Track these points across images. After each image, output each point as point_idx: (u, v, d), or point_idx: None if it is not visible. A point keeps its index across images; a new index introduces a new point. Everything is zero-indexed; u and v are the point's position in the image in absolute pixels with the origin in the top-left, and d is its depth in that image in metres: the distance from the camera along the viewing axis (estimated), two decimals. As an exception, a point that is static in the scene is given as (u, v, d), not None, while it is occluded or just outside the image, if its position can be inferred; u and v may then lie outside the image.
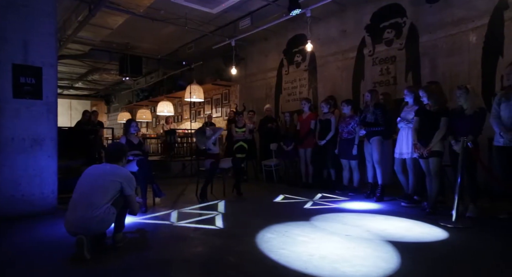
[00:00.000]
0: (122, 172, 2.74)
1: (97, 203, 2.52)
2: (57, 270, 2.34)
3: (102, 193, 2.58)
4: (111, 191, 2.63)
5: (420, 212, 3.90)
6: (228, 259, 2.51)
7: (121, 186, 2.68)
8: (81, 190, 2.61)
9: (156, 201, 4.64)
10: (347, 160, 5.30)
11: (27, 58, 3.88)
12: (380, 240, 2.87)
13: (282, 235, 3.06)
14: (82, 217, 2.49)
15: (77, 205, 2.54)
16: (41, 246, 2.86)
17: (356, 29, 6.35)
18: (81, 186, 2.63)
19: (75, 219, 2.50)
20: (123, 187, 2.68)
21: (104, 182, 2.63)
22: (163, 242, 2.96)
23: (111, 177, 2.66)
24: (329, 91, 6.81)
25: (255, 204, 4.64)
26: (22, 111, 3.87)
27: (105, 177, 2.65)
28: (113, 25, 7.28)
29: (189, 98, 8.35)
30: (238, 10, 7.06)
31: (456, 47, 5.01)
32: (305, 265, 2.32)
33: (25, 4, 3.83)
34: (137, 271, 2.29)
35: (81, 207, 2.51)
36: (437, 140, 3.81)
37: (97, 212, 2.50)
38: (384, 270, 2.23)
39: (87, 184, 2.62)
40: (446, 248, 2.70)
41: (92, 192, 2.57)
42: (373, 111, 4.73)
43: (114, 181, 2.66)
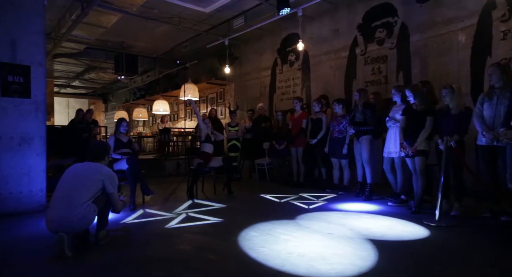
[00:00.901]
0: (104, 170, 2.77)
1: (77, 201, 2.55)
2: (36, 268, 2.36)
3: (83, 191, 2.60)
4: (93, 189, 2.65)
5: (406, 211, 3.92)
6: (208, 256, 2.53)
7: (103, 184, 2.70)
8: (62, 189, 2.63)
9: (146, 199, 4.66)
10: (338, 159, 5.31)
11: (15, 57, 3.90)
12: (361, 239, 2.89)
13: (265, 233, 3.08)
14: (63, 216, 2.51)
15: (58, 203, 2.56)
16: (25, 243, 2.88)
17: (349, 28, 6.36)
18: (62, 185, 2.65)
19: (55, 218, 2.52)
20: (105, 185, 2.71)
21: (86, 180, 2.65)
22: (147, 240, 2.97)
23: (93, 175, 2.69)
24: (322, 90, 6.82)
25: (243, 203, 4.66)
26: (10, 110, 3.89)
27: (87, 176, 2.68)
28: (107, 24, 7.30)
29: (184, 97, 8.36)
30: (232, 9, 7.08)
31: (446, 47, 5.02)
32: (282, 262, 2.35)
33: (12, 3, 3.85)
34: (117, 269, 2.31)
35: (62, 205, 2.54)
36: (423, 140, 3.83)
37: (78, 210, 2.52)
38: (359, 267, 2.25)
39: (68, 183, 2.65)
40: (424, 247, 2.72)
41: (73, 190, 2.59)
42: (362, 110, 4.75)
43: (96, 179, 2.68)
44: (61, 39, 7.61)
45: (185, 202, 4.60)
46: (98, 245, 2.77)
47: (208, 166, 5.11)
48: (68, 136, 6.73)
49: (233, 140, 7.16)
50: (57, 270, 2.31)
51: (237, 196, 5.09)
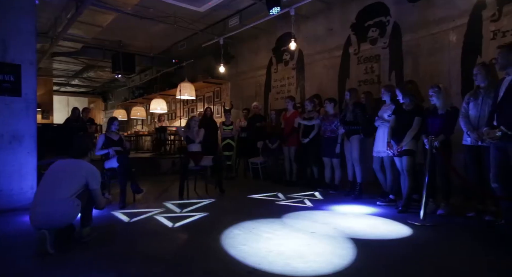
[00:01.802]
0: (87, 166, 2.80)
1: (60, 197, 2.58)
2: (17, 264, 2.40)
3: (65, 188, 2.64)
4: (75, 186, 2.68)
5: (394, 211, 3.93)
6: (188, 254, 2.56)
7: (86, 181, 2.73)
8: (45, 185, 2.67)
9: (137, 198, 4.70)
10: (329, 158, 5.33)
11: (6, 56, 3.94)
12: (343, 237, 2.91)
13: (248, 231, 3.10)
14: (46, 212, 2.54)
15: (41, 199, 2.60)
16: (11, 239, 2.92)
17: (342, 27, 6.36)
18: (45, 181, 2.69)
19: (39, 214, 2.56)
20: (88, 182, 2.74)
21: (69, 177, 2.69)
22: (131, 238, 3.01)
23: (76, 171, 2.73)
24: (316, 89, 6.83)
25: (233, 202, 4.69)
26: (1, 108, 3.94)
27: (70, 172, 2.72)
28: (103, 23, 7.34)
29: (180, 96, 8.39)
30: (227, 8, 7.10)
31: (437, 46, 5.02)
32: (260, 260, 2.37)
33: (3, 2, 3.89)
34: (95, 265, 2.34)
35: (44, 201, 2.57)
36: (409, 139, 3.84)
37: (60, 205, 2.56)
38: (335, 266, 2.28)
39: (50, 179, 2.68)
40: (404, 246, 2.74)
41: (55, 186, 2.63)
42: (352, 110, 4.76)
43: (79, 175, 2.72)
44: (58, 38, 7.66)
45: (175, 201, 4.63)
46: (82, 242, 2.80)
47: (199, 165, 5.14)
48: (64, 134, 6.78)
49: (227, 139, 7.19)
50: (37, 265, 2.35)
51: (228, 194, 5.12)
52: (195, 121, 5.37)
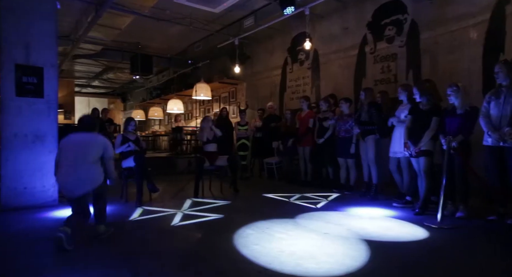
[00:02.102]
0: (101, 138, 3.02)
1: (86, 164, 2.81)
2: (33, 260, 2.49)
3: (89, 155, 2.84)
4: (95, 154, 2.88)
5: (410, 213, 3.85)
6: (200, 253, 2.60)
7: (102, 150, 2.92)
8: (69, 155, 2.84)
9: (153, 197, 4.79)
10: (344, 159, 5.27)
11: (29, 59, 4.10)
12: (356, 239, 2.88)
13: (261, 231, 3.11)
14: (76, 178, 2.76)
15: (69, 168, 2.79)
16: (31, 235, 3.04)
17: (358, 26, 6.28)
18: (68, 152, 2.85)
19: (71, 181, 2.76)
20: (104, 151, 2.93)
21: (89, 146, 2.89)
22: (145, 236, 3.08)
23: (93, 142, 2.93)
24: (331, 89, 6.77)
25: (247, 201, 4.71)
26: (25, 109, 4.10)
27: (88, 143, 2.91)
28: (121, 25, 7.51)
29: (195, 96, 8.50)
30: (242, 9, 7.12)
31: (456, 44, 4.87)
32: (271, 260, 2.38)
33: (25, 7, 4.05)
34: (107, 262, 2.41)
35: (71, 170, 2.78)
36: (427, 140, 3.75)
37: (88, 170, 2.81)
38: (347, 267, 2.26)
39: (74, 150, 2.85)
40: (419, 248, 2.69)
41: (79, 156, 2.82)
42: (367, 110, 4.69)
43: (96, 145, 2.92)
44: (79, 40, 7.90)
45: (190, 200, 4.69)
46: (97, 239, 2.88)
47: (214, 164, 5.19)
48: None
49: (242, 139, 7.22)
50: (52, 262, 2.44)
51: (243, 194, 5.15)
52: (206, 121, 5.40)
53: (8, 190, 4.00)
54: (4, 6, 3.94)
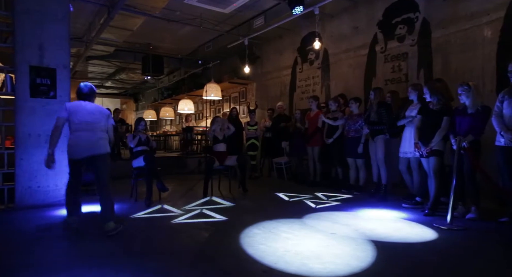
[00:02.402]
0: (104, 108, 3.40)
1: (98, 131, 3.16)
2: (42, 255, 2.56)
3: (100, 122, 3.19)
4: (105, 123, 3.25)
5: (420, 214, 3.80)
6: (206, 252, 2.62)
7: (107, 118, 3.28)
8: (88, 120, 3.13)
9: (163, 196, 4.85)
10: (353, 159, 5.23)
11: (43, 60, 4.21)
12: (363, 239, 2.86)
13: (268, 231, 3.12)
14: (94, 141, 3.10)
15: (88, 132, 3.10)
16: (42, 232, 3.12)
17: (368, 25, 6.22)
18: (82, 116, 3.12)
19: (82, 142, 3.06)
20: (110, 120, 3.32)
21: (102, 116, 3.23)
22: (153, 234, 3.12)
23: (104, 112, 3.30)
24: (341, 88, 6.72)
25: (256, 201, 4.72)
26: (38, 110, 4.20)
27: (101, 113, 3.26)
28: (133, 27, 7.64)
29: (206, 96, 8.54)
30: (252, 9, 7.14)
31: (469, 42, 4.78)
32: (276, 260, 2.38)
33: (39, 10, 4.15)
34: (113, 258, 2.45)
35: (87, 132, 3.10)
36: (438, 140, 3.69)
37: (100, 136, 3.15)
38: (352, 268, 2.24)
39: (87, 115, 3.14)
40: (426, 250, 2.64)
41: (93, 121, 3.15)
42: (376, 110, 4.64)
43: (103, 114, 3.27)
44: (92, 42, 8.05)
45: (199, 199, 4.73)
46: (105, 237, 2.94)
47: (223, 164, 5.22)
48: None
49: (252, 139, 7.24)
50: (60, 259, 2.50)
51: (251, 194, 5.16)
52: (217, 124, 5.42)
53: (23, 189, 4.11)
54: (19, 10, 4.05)
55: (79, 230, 3.04)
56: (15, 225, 3.42)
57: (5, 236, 3.07)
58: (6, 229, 3.30)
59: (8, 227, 3.36)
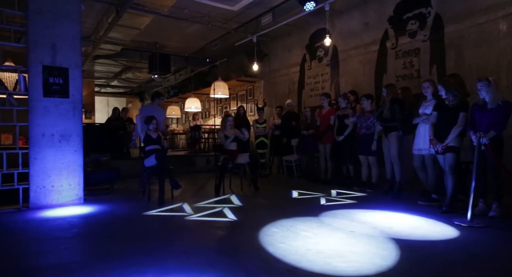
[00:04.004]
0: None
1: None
2: (58, 256, 2.55)
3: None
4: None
5: (437, 211, 3.75)
6: (226, 250, 2.60)
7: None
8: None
9: (175, 195, 4.84)
10: (365, 156, 5.19)
11: (55, 60, 4.20)
12: (384, 237, 2.82)
13: (286, 229, 3.09)
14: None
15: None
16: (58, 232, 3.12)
17: (379, 21, 6.16)
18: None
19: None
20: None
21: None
22: (168, 233, 3.11)
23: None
24: (351, 85, 6.67)
25: (269, 199, 4.69)
26: (51, 109, 4.19)
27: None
28: (140, 25, 7.62)
29: (213, 95, 8.52)
30: (260, 6, 7.10)
31: (484, 37, 4.71)
32: (299, 259, 2.36)
33: (52, 10, 4.13)
34: (132, 257, 2.43)
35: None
36: (454, 136, 3.64)
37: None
38: (377, 266, 2.21)
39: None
40: (451, 248, 2.60)
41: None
42: (389, 106, 4.59)
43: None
44: (100, 41, 8.05)
45: (211, 198, 4.71)
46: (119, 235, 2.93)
47: (235, 163, 5.19)
48: (106, 133, 7.13)
49: (260, 137, 7.21)
50: (77, 259, 2.49)
51: (263, 192, 5.14)
52: (229, 122, 5.38)
53: (37, 189, 4.11)
54: (32, 10, 4.03)
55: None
56: (31, 225, 3.41)
57: (22, 236, 3.07)
58: (22, 229, 3.29)
59: (24, 227, 3.36)
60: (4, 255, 2.57)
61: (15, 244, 2.84)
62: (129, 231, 3.21)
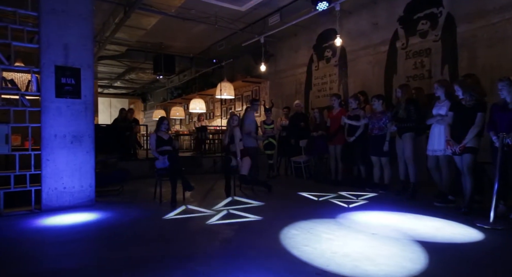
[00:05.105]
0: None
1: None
2: (76, 260, 2.51)
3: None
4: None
5: (455, 212, 3.71)
6: (250, 253, 2.55)
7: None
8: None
9: (186, 196, 4.79)
10: (378, 157, 5.14)
11: (68, 60, 4.15)
12: (407, 240, 2.78)
13: (306, 232, 3.05)
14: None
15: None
16: (74, 235, 3.07)
17: (388, 21, 6.13)
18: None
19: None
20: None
21: None
22: (188, 236, 3.06)
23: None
24: (360, 86, 6.64)
25: (282, 201, 4.64)
26: (63, 110, 4.15)
27: None
28: (147, 26, 7.58)
29: (220, 96, 8.49)
30: (267, 6, 7.07)
31: (498, 37, 4.69)
32: (327, 262, 2.31)
33: (64, 9, 4.09)
34: (161, 262, 2.39)
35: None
36: (472, 136, 3.61)
37: None
38: (408, 270, 2.17)
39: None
40: (479, 251, 2.57)
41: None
42: (405, 107, 4.55)
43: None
44: (105, 42, 8.02)
45: (224, 199, 4.66)
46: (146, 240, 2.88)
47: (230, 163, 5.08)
48: (113, 134, 7.08)
49: (269, 138, 7.15)
50: (97, 263, 2.44)
51: (275, 193, 5.09)
52: (233, 120, 5.30)
53: (49, 190, 4.06)
54: (45, 10, 3.99)
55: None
56: (44, 228, 3.36)
57: (35, 239, 3.01)
58: (35, 232, 3.23)
59: (38, 230, 3.30)
60: (18, 258, 2.52)
61: (29, 247, 2.79)
62: (149, 234, 3.16)
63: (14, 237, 3.06)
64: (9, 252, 2.67)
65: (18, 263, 2.42)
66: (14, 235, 3.13)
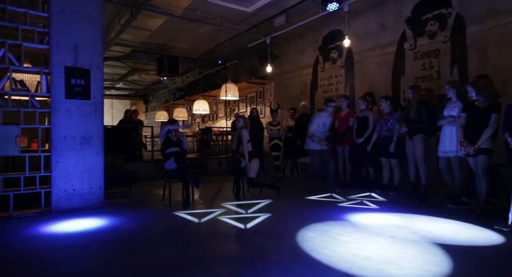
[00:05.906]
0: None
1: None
2: (90, 264, 2.47)
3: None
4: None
5: (469, 214, 3.68)
6: (271, 257, 2.51)
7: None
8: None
9: (195, 198, 4.75)
10: (387, 159, 5.11)
11: (77, 61, 4.12)
12: (427, 242, 2.75)
13: (323, 234, 3.02)
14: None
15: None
16: (85, 238, 3.03)
17: (396, 22, 6.11)
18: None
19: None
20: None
21: None
22: (206, 238, 3.02)
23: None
24: (366, 87, 6.62)
25: (292, 203, 4.60)
26: (73, 111, 4.11)
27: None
28: (152, 27, 7.55)
29: (224, 97, 8.46)
30: (273, 7, 7.04)
31: (509, 38, 4.67)
32: (349, 265, 2.28)
33: (74, 10, 4.06)
34: (182, 266, 2.35)
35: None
36: (487, 137, 3.58)
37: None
38: (433, 274, 2.13)
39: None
40: (503, 253, 2.53)
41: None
42: (416, 108, 4.52)
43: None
44: (110, 43, 7.98)
45: (233, 201, 4.63)
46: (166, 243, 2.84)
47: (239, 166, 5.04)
48: (119, 135, 7.04)
49: (275, 139, 7.13)
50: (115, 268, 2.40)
51: (284, 195, 5.05)
52: (237, 121, 5.23)
53: (59, 192, 4.02)
54: (54, 10, 3.95)
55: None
56: (54, 231, 3.31)
57: (46, 242, 2.96)
58: (45, 234, 3.18)
59: (48, 232, 3.26)
60: (29, 261, 2.47)
61: (39, 250, 2.74)
62: (163, 237, 3.11)
63: (23, 240, 3.01)
64: (19, 255, 2.61)
65: (26, 267, 2.37)
66: (23, 237, 3.08)
